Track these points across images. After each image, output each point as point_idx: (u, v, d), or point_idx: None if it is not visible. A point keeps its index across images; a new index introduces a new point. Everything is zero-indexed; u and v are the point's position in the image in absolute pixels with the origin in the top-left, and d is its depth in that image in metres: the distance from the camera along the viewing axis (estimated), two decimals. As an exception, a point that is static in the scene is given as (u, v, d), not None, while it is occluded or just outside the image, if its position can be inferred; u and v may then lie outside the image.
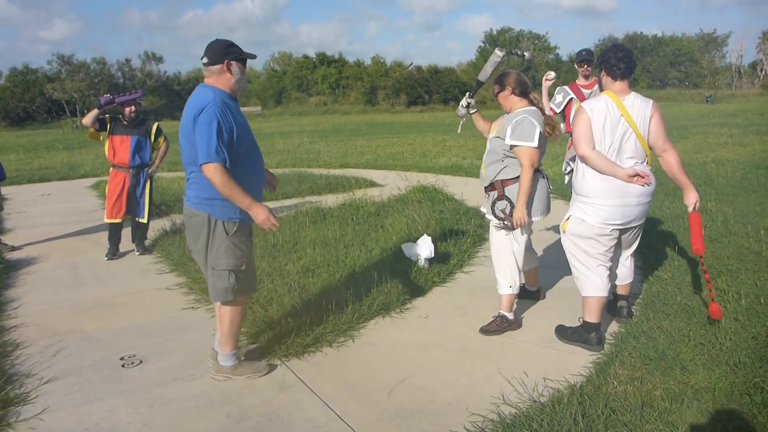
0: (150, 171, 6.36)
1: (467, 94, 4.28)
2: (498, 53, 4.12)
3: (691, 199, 3.74)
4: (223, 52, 3.20)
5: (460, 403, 3.15)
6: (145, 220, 6.41)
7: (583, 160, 3.56)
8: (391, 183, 10.29)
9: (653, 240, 5.89)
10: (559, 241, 5.76)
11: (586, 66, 5.51)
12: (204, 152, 3.01)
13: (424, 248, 5.36)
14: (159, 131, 6.39)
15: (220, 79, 3.22)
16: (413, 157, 14.11)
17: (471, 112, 4.30)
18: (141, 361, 3.78)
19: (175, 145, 4.80)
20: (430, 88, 49.99)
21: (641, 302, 4.41)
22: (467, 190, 9.09)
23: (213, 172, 3.01)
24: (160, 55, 53.61)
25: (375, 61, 57.65)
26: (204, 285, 5.04)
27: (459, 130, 4.71)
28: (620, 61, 3.57)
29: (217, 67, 3.19)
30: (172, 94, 51.22)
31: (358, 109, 48.90)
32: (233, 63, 3.22)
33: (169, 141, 6.67)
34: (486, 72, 4.19)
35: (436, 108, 47.29)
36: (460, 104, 4.30)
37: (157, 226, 7.15)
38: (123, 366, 3.72)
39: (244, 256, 3.33)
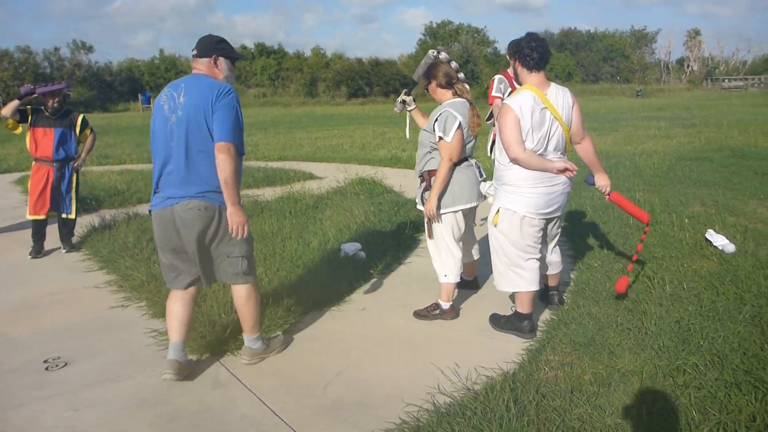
0: (75, 164, 6.11)
1: (404, 91, 4.36)
2: (430, 55, 4.18)
3: (605, 180, 3.91)
4: (213, 47, 3.29)
5: (396, 394, 3.16)
6: (72, 216, 6.16)
7: (516, 162, 3.54)
8: (330, 175, 10.24)
9: (584, 229, 6.07)
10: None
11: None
12: (227, 131, 3.06)
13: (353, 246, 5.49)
14: (85, 123, 6.14)
15: (211, 72, 3.29)
16: (353, 150, 14.08)
17: (409, 109, 4.36)
18: (66, 364, 3.62)
19: (107, 138, 4.58)
20: (371, 80, 49.97)
21: (572, 290, 4.53)
22: (406, 182, 9.13)
23: (230, 152, 3.05)
24: (89, 45, 51.51)
25: (315, 52, 57.18)
26: (134, 282, 4.89)
27: (407, 135, 4.70)
28: (534, 51, 3.55)
29: (206, 60, 3.28)
30: (103, 85, 49.45)
31: (298, 101, 48.43)
32: (221, 59, 3.30)
33: (96, 133, 6.43)
34: (418, 72, 4.24)
35: (376, 100, 47.32)
36: (396, 101, 4.38)
37: (85, 222, 6.89)
38: (47, 369, 3.56)
39: (251, 241, 3.41)
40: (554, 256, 4.08)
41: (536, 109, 3.53)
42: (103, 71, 51.49)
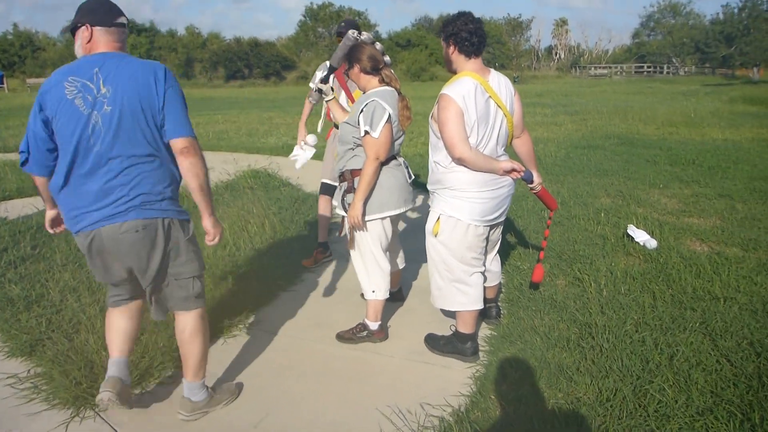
0: None
1: (319, 78, 3.74)
2: (350, 35, 3.58)
3: (539, 177, 3.47)
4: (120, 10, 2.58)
5: (331, 450, 2.59)
6: None
7: (461, 163, 3.04)
8: (217, 166, 9.25)
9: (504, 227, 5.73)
10: (414, 232, 5.38)
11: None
12: (185, 124, 2.49)
13: None
14: None
15: (124, 48, 2.54)
16: (239, 137, 13.11)
17: (327, 99, 3.75)
18: None
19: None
20: (251, 62, 48.21)
21: (505, 297, 4.14)
22: (303, 174, 8.39)
23: (197, 150, 2.50)
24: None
25: (190, 31, 54.37)
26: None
27: (319, 128, 4.07)
28: (473, 34, 3.07)
29: (119, 32, 2.52)
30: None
31: (173, 82, 45.77)
32: None
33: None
34: (338, 56, 3.65)
35: (257, 83, 45.78)
36: (311, 89, 3.77)
37: None
38: None
39: (202, 257, 2.81)
40: (494, 266, 3.64)
41: (480, 99, 3.05)
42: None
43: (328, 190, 4.70)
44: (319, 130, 4.26)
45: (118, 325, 2.79)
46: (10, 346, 3.50)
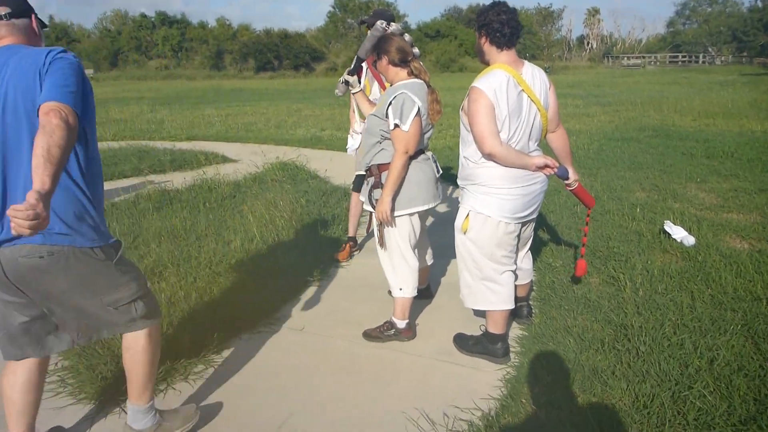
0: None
1: (346, 70, 3.67)
2: (379, 27, 3.50)
3: (575, 174, 3.41)
4: (27, 4, 2.29)
5: (356, 453, 2.53)
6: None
7: (491, 158, 2.94)
8: (245, 158, 9.33)
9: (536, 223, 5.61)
10: (444, 226, 5.29)
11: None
12: (57, 90, 1.98)
13: None
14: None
15: (30, 40, 2.28)
16: (268, 129, 13.12)
17: (354, 91, 3.68)
18: None
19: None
20: (280, 53, 48.34)
21: (537, 296, 4.02)
22: (332, 167, 8.37)
23: (64, 116, 1.89)
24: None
25: (220, 23, 54.81)
26: None
27: (357, 120, 3.99)
28: (505, 25, 2.94)
29: (25, 22, 2.26)
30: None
31: (204, 74, 46.21)
32: (36, 20, 2.32)
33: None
34: (366, 47, 3.58)
35: (286, 74, 45.91)
36: (339, 81, 3.70)
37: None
38: None
39: (140, 274, 2.46)
40: (525, 263, 3.54)
41: (513, 93, 2.94)
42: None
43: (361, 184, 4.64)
44: (357, 121, 4.20)
45: (12, 398, 2.35)
46: None
